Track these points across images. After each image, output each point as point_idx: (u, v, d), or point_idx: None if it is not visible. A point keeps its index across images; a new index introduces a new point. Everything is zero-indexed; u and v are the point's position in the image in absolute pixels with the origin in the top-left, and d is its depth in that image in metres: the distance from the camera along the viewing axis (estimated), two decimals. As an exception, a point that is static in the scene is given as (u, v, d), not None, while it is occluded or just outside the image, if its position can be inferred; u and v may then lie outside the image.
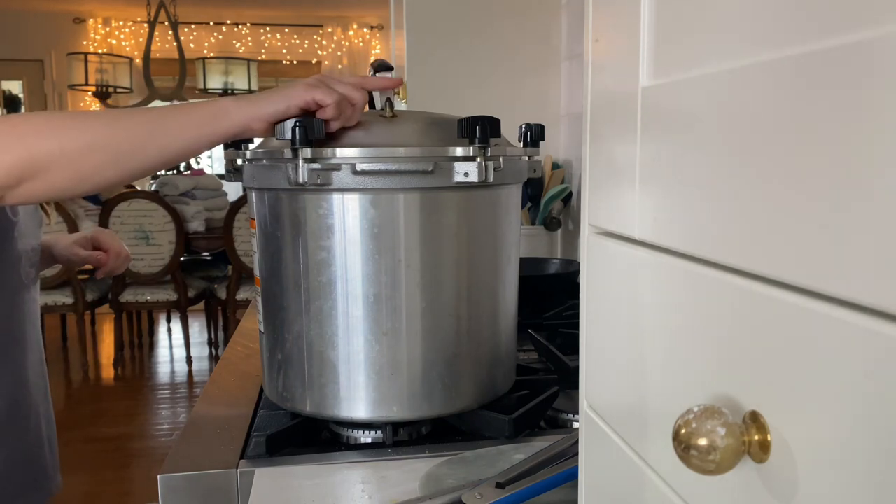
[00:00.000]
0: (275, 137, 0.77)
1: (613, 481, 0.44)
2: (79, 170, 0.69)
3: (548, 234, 1.66)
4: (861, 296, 0.23)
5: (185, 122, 0.72)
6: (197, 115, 0.72)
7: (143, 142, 0.71)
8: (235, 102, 0.73)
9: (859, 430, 0.23)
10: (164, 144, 0.71)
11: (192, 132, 0.72)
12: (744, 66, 0.29)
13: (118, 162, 0.70)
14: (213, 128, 0.72)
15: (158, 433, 3.30)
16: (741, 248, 0.29)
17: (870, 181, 0.22)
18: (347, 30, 5.95)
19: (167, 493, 0.75)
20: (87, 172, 0.69)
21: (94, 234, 1.10)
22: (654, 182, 0.37)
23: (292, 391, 0.84)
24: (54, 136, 0.68)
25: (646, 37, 0.38)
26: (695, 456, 0.27)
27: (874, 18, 0.22)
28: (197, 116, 0.72)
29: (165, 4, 4.53)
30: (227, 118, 0.72)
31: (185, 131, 0.72)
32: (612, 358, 0.44)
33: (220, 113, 0.72)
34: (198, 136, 0.72)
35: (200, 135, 0.72)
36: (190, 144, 0.72)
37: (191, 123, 0.72)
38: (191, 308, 4.16)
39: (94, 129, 0.69)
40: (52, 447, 0.98)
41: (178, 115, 0.72)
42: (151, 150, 0.71)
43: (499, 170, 0.79)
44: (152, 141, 0.71)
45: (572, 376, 0.95)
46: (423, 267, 0.79)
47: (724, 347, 0.31)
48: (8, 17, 5.42)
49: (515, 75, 1.78)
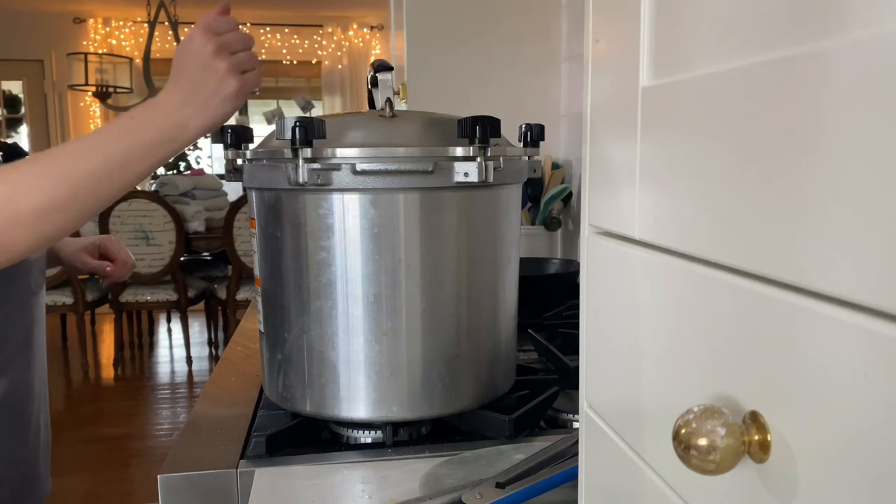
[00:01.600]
0: (276, 137, 0.77)
1: (613, 481, 0.44)
2: (42, 231, 0.68)
3: (548, 234, 1.66)
4: (861, 296, 0.23)
5: (146, 151, 0.71)
6: (157, 136, 0.71)
7: (108, 184, 0.70)
8: (190, 115, 0.72)
9: (859, 430, 0.23)
10: (128, 180, 0.71)
11: (153, 158, 0.71)
12: (743, 66, 0.29)
13: (83, 212, 0.70)
14: (171, 148, 0.72)
15: (158, 433, 3.30)
16: (741, 248, 0.29)
17: (870, 181, 0.22)
18: (347, 30, 5.95)
19: (167, 493, 0.75)
20: (50, 232, 0.69)
21: (102, 242, 1.10)
22: (654, 182, 0.37)
23: (292, 391, 0.84)
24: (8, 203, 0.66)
25: (646, 37, 0.38)
26: (695, 456, 0.27)
27: (873, 19, 0.22)
28: (157, 138, 0.71)
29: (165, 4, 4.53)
30: (184, 135, 0.72)
31: (146, 158, 0.71)
32: (612, 358, 0.44)
33: (176, 133, 0.71)
34: (158, 160, 0.72)
35: (160, 159, 0.72)
36: (151, 168, 0.73)
37: (152, 152, 0.71)
38: (191, 308, 4.16)
39: (52, 188, 0.68)
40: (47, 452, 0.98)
41: (138, 144, 0.71)
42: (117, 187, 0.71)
43: (499, 170, 0.79)
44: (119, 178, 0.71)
45: (572, 376, 0.95)
46: (423, 267, 0.79)
47: (724, 347, 0.31)
48: (8, 17, 5.42)
49: (515, 75, 1.78)
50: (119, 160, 0.70)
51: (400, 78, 1.92)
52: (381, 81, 0.90)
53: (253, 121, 5.93)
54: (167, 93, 0.73)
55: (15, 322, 0.88)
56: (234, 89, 0.73)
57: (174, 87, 0.73)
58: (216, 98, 0.72)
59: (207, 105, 0.72)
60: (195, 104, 0.72)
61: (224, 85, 0.72)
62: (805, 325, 0.26)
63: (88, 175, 0.69)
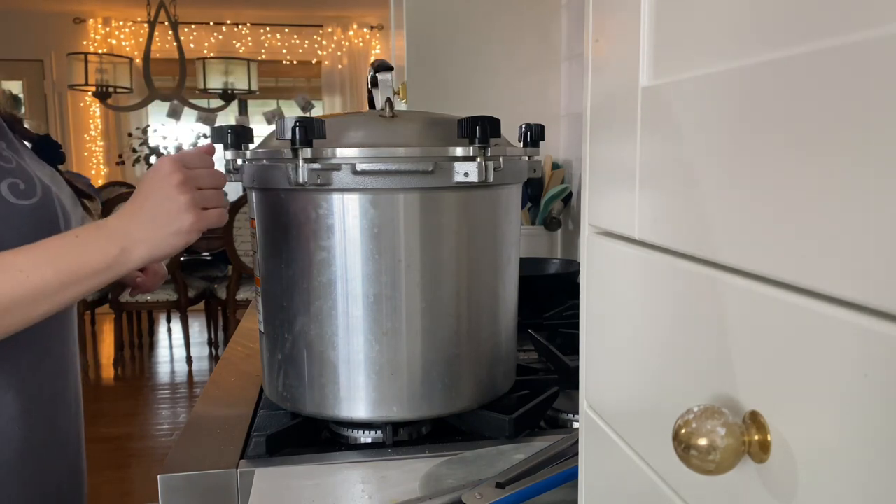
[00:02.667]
0: (276, 137, 0.77)
1: (613, 481, 0.44)
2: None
3: (548, 234, 1.66)
4: (861, 296, 0.23)
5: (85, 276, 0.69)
6: (99, 261, 0.69)
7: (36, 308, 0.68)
8: (138, 241, 0.70)
9: (859, 430, 0.23)
10: (59, 304, 0.70)
11: (90, 284, 0.70)
12: (743, 66, 0.29)
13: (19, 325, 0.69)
14: (109, 275, 0.70)
15: (158, 433, 3.30)
16: (741, 248, 0.29)
17: (870, 181, 0.22)
18: (347, 30, 5.95)
19: (167, 493, 0.75)
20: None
21: None
22: (654, 182, 0.37)
23: (292, 391, 0.84)
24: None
25: (646, 37, 0.38)
26: (695, 456, 0.27)
27: (874, 18, 0.22)
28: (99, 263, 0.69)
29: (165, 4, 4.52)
30: (125, 263, 0.70)
31: (82, 284, 0.69)
32: (612, 358, 0.44)
33: (120, 259, 0.70)
34: (93, 287, 0.70)
35: (96, 285, 0.70)
36: (83, 295, 0.71)
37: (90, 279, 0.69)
38: (191, 308, 4.16)
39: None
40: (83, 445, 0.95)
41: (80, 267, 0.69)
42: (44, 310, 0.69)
43: (499, 170, 0.79)
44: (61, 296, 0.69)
45: (572, 376, 0.95)
46: (423, 267, 0.79)
47: (724, 347, 0.31)
48: (8, 17, 5.42)
49: (515, 75, 1.78)
50: (56, 284, 0.68)
51: (400, 78, 1.92)
52: (381, 81, 0.90)
53: (253, 121, 5.93)
54: (120, 215, 0.71)
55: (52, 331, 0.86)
56: (189, 224, 0.70)
57: (130, 209, 0.71)
58: (168, 229, 0.70)
59: (158, 234, 0.70)
60: (146, 231, 0.70)
61: (180, 218, 0.70)
62: (805, 325, 0.26)
63: (21, 297, 0.67)
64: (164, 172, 0.71)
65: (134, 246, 0.70)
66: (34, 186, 0.77)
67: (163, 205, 0.70)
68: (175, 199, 0.70)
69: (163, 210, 0.70)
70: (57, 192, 0.80)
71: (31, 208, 0.75)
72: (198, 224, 0.71)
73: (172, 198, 0.70)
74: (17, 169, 0.77)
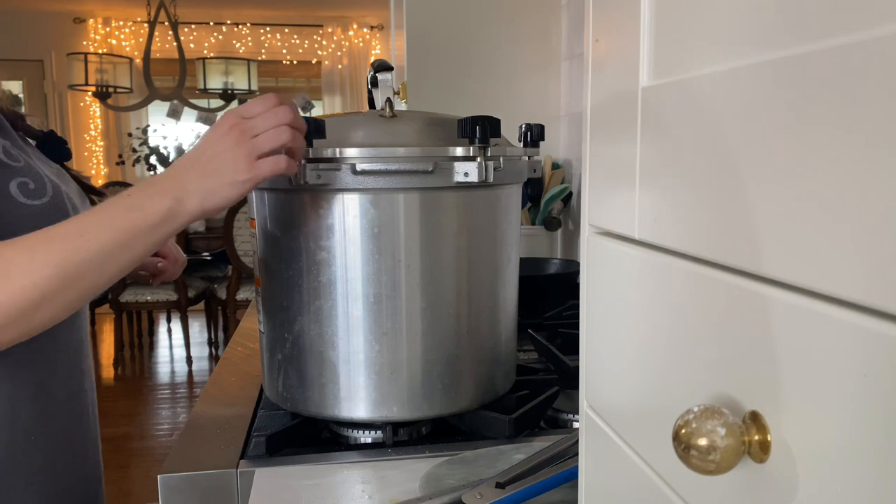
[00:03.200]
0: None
1: (613, 481, 0.44)
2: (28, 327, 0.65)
3: (548, 234, 1.66)
4: (861, 296, 0.23)
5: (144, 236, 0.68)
6: (156, 216, 0.68)
7: (101, 272, 0.67)
8: (193, 195, 0.68)
9: (859, 430, 0.23)
10: (123, 267, 0.69)
11: (150, 241, 0.68)
12: (743, 66, 0.29)
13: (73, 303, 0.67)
14: (165, 230, 0.69)
15: (158, 433, 3.30)
16: (741, 248, 0.29)
17: (869, 181, 0.22)
18: (347, 30, 5.95)
19: (167, 493, 0.75)
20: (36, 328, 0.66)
21: None
22: (654, 182, 0.37)
23: (292, 391, 0.84)
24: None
25: (646, 37, 0.38)
26: (695, 456, 0.27)
27: (874, 19, 0.22)
28: (156, 217, 0.68)
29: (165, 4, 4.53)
30: (180, 214, 0.69)
31: (143, 241, 0.68)
32: (612, 358, 0.44)
33: (176, 211, 0.68)
34: (158, 238, 0.69)
35: (157, 241, 0.69)
36: (146, 254, 0.70)
37: (149, 235, 0.68)
38: (191, 308, 4.16)
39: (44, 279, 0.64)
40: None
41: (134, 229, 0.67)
42: (111, 273, 0.68)
43: (499, 170, 0.79)
44: (113, 265, 0.68)
45: (572, 376, 0.95)
46: (423, 267, 0.79)
47: (724, 347, 0.31)
48: (8, 17, 5.42)
49: (515, 75, 1.78)
50: (116, 244, 0.67)
51: (400, 78, 1.92)
52: (381, 81, 0.90)
53: (253, 121, 5.92)
54: (173, 168, 0.71)
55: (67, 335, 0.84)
56: (243, 176, 0.69)
57: (184, 162, 0.71)
58: (222, 179, 0.69)
59: (211, 185, 0.69)
60: (199, 182, 0.69)
61: (235, 169, 0.69)
62: (805, 325, 0.26)
63: (83, 262, 0.65)
64: (224, 125, 0.71)
65: (187, 197, 0.69)
66: (44, 185, 0.75)
67: (217, 156, 0.69)
68: (232, 151, 0.69)
69: (217, 161, 0.69)
70: (66, 190, 0.79)
71: (41, 208, 0.74)
72: (251, 174, 0.70)
73: (229, 150, 0.69)
74: (25, 168, 0.75)
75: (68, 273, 0.65)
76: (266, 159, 0.71)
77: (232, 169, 0.69)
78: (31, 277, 0.63)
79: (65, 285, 0.65)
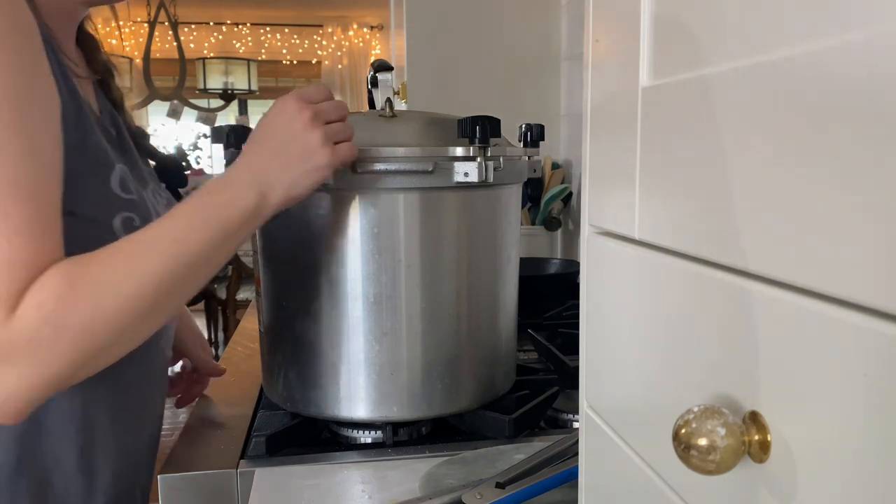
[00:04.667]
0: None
1: (613, 481, 0.44)
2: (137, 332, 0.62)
3: (548, 234, 1.66)
4: (861, 296, 0.23)
5: (237, 233, 0.65)
6: (244, 214, 0.65)
7: (212, 262, 0.64)
8: (274, 182, 0.66)
9: (859, 430, 0.23)
10: (219, 261, 0.66)
11: (242, 235, 0.66)
12: (743, 66, 0.29)
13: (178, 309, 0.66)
14: (251, 227, 0.67)
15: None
16: (741, 248, 0.29)
17: (869, 181, 0.22)
18: (347, 30, 5.95)
19: (167, 493, 0.75)
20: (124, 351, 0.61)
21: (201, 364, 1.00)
22: (654, 182, 0.37)
23: (292, 391, 0.84)
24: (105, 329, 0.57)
25: (646, 37, 0.38)
26: (695, 456, 0.27)
27: (873, 18, 0.22)
28: (245, 214, 0.65)
29: (165, 4, 4.52)
30: (266, 207, 0.67)
31: (237, 238, 0.66)
32: (612, 358, 0.44)
33: (261, 205, 0.66)
34: (246, 235, 0.67)
35: (248, 233, 0.67)
36: (239, 244, 0.67)
37: (240, 232, 0.65)
38: (191, 308, 4.14)
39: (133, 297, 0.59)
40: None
41: (228, 227, 0.64)
42: (209, 272, 0.65)
43: (499, 170, 0.79)
44: (218, 256, 0.65)
45: (572, 376, 0.95)
46: (423, 267, 0.79)
47: (724, 347, 0.31)
48: (8, 17, 5.41)
49: (515, 75, 1.78)
50: (211, 246, 0.63)
51: (400, 78, 1.92)
52: (381, 81, 0.90)
53: (253, 121, 5.92)
54: (248, 161, 0.68)
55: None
56: (325, 161, 0.67)
57: (258, 153, 0.67)
58: (304, 167, 0.67)
59: (293, 175, 0.67)
60: (280, 173, 0.67)
61: (316, 155, 0.67)
62: (805, 325, 0.26)
63: (189, 262, 0.62)
64: (291, 110, 0.68)
65: (270, 190, 0.66)
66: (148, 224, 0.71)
67: (295, 143, 0.67)
68: (307, 136, 0.67)
69: (296, 148, 0.67)
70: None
71: None
72: (333, 158, 0.68)
73: (304, 134, 0.67)
74: (137, 202, 0.70)
75: (174, 280, 0.61)
76: (343, 145, 0.69)
77: (314, 156, 0.67)
78: (141, 289, 0.59)
79: (170, 292, 0.62)
